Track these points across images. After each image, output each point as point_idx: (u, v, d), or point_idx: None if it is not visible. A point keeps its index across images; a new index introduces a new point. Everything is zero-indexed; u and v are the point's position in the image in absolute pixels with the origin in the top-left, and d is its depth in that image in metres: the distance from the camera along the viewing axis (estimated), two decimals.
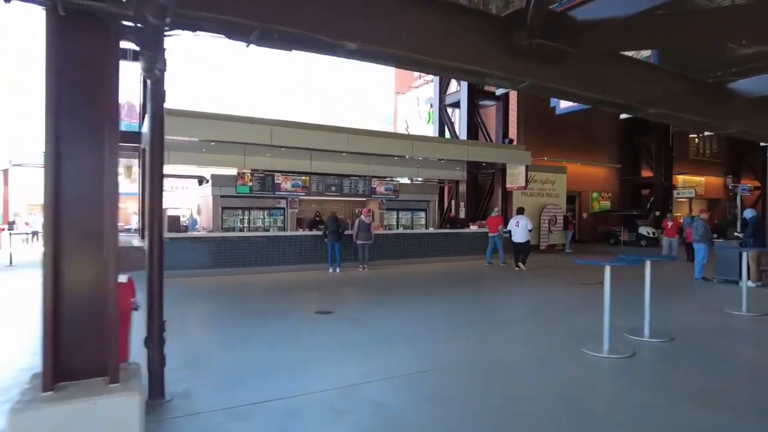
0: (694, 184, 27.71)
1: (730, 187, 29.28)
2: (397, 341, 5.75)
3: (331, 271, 11.91)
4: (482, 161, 14.70)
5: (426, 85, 26.10)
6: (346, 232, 12.20)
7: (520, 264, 12.93)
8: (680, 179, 27.09)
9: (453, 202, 18.61)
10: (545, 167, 19.68)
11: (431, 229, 15.56)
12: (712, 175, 29.80)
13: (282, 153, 13.43)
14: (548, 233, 18.50)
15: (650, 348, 5.53)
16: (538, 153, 20.11)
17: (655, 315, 5.94)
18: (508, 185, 17.74)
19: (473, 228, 15.60)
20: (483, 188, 19.33)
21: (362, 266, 12.27)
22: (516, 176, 17.48)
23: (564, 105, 14.84)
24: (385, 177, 15.62)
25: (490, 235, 14.25)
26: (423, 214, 17.14)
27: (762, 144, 9.67)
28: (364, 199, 15.66)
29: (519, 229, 12.84)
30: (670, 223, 14.77)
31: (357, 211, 14.05)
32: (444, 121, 19.45)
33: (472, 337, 6.00)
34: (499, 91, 17.15)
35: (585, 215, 23.86)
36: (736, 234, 11.94)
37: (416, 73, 27.56)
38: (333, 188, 14.76)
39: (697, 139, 29.31)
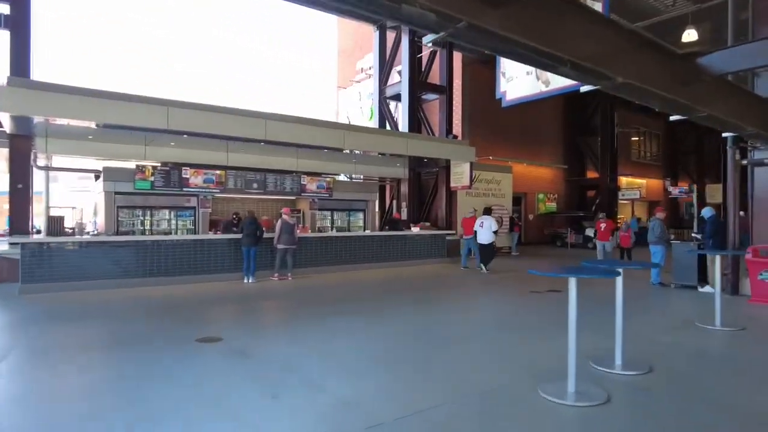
0: (637, 186, 27.71)
1: (668, 190, 29.66)
2: (288, 387, 4.10)
3: (246, 281, 10.08)
4: (423, 156, 13.32)
5: (368, 79, 24.51)
6: (265, 235, 10.43)
7: (482, 266, 12.02)
8: (623, 181, 27.00)
9: (395, 202, 17.17)
10: (491, 166, 18.65)
11: (368, 232, 14.00)
12: (653, 177, 30.02)
13: (191, 143, 11.49)
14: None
15: (626, 386, 4.16)
16: (484, 152, 19.08)
17: (621, 334, 4.62)
18: (452, 185, 16.52)
19: (416, 230, 14.17)
20: (427, 188, 18.04)
21: (284, 275, 10.52)
22: (460, 175, 16.27)
23: (511, 96, 13.71)
24: (318, 173, 13.93)
25: (464, 237, 13.07)
26: (361, 215, 15.58)
27: (723, 135, 8.76)
28: (293, 197, 13.90)
29: (484, 230, 11.85)
30: (603, 225, 13.36)
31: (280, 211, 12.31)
32: (384, 115, 17.98)
33: (394, 379, 4.44)
34: (427, 39, 15.83)
35: (531, 217, 23.11)
36: (693, 234, 11.13)
37: (358, 66, 26.06)
38: (255, 185, 12.90)
39: (638, 142, 29.52)
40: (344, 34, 28.73)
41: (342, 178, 16.01)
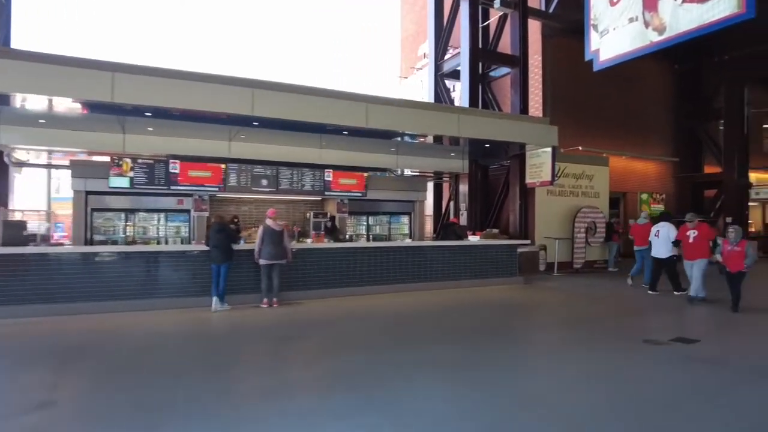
0: None
1: None
2: None
3: (214, 308, 7.29)
4: (484, 139, 9.81)
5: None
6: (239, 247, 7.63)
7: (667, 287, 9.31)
8: (752, 177, 21.35)
9: (452, 203, 13.78)
10: (580, 158, 14.68)
11: (409, 242, 10.74)
12: None
13: (181, 129, 9.01)
14: (584, 246, 13.44)
15: None
16: (571, 141, 15.18)
17: None
18: (528, 180, 12.85)
19: (474, 239, 10.70)
20: (496, 186, 14.50)
21: (268, 301, 7.61)
22: (539, 168, 12.56)
23: (606, 56, 9.96)
24: (349, 167, 10.91)
25: (635, 248, 10.65)
26: (406, 220, 12.38)
27: None
28: (317, 198, 11.05)
29: (660, 241, 9.23)
30: (692, 234, 8.27)
31: (320, 215, 9.41)
32: (440, 95, 14.61)
33: None
34: (496, 3, 12.25)
35: (632, 222, 18.55)
36: None
37: (420, 51, 22.99)
38: (264, 182, 10.18)
39: None
40: (407, 20, 25.90)
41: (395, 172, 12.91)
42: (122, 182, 9.07)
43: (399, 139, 10.97)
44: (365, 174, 11.18)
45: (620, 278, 11.55)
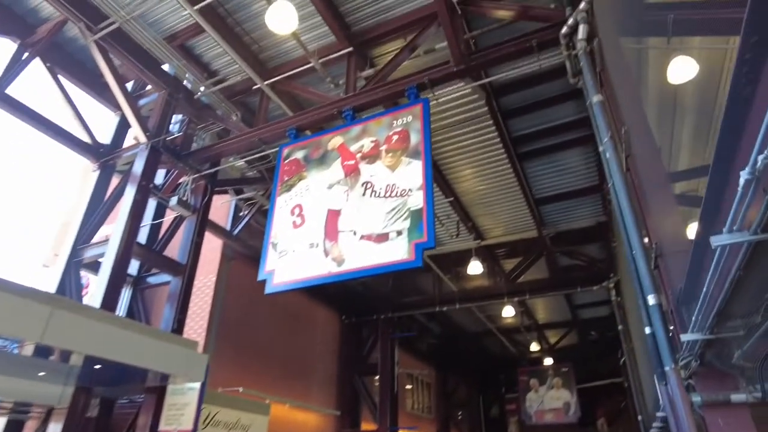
0: None
1: None
2: None
3: None
4: (88, 354, 6.24)
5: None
6: None
7: None
8: None
9: None
10: (239, 401, 12.04)
11: None
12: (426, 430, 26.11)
13: None
14: None
15: None
16: (232, 380, 12.73)
17: None
18: (162, 427, 9.24)
19: None
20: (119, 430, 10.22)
21: None
22: (181, 410, 9.29)
23: (281, 278, 8.66)
24: None
25: None
26: None
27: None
28: None
29: None
30: None
31: None
32: (67, 290, 10.51)
33: None
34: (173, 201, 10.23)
35: None
36: None
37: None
38: None
39: (413, 390, 26.24)
40: (69, 202, 21.81)
41: None
42: None
43: None
44: None
45: None
